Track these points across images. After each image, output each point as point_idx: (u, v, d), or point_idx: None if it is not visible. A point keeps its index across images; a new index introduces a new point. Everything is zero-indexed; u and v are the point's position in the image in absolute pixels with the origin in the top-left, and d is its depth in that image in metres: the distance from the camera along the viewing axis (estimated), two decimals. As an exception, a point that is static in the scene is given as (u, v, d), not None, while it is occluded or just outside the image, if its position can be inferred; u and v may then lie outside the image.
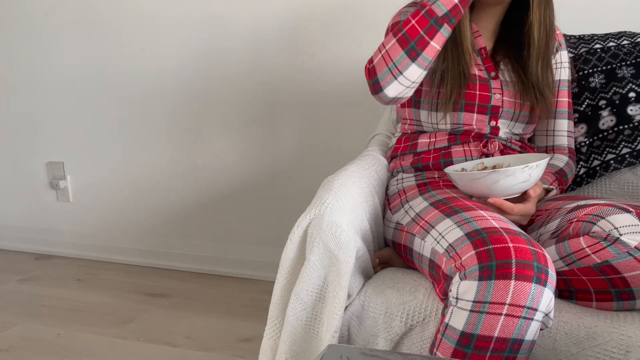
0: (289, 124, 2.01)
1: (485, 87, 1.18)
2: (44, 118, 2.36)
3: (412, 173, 1.24)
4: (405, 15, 1.19)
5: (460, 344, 0.82)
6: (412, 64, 1.03)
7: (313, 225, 0.99)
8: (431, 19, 1.01)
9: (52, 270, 2.29)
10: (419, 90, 1.21)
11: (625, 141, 1.34)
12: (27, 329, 1.78)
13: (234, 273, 2.18)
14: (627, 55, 1.36)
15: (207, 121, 2.11)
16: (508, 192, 1.01)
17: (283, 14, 1.92)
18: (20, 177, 2.47)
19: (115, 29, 2.15)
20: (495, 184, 0.99)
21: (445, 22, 1.01)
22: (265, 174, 2.08)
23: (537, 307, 0.80)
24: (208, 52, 2.04)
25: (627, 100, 1.34)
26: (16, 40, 2.31)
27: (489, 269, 0.81)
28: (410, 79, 1.05)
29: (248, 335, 1.71)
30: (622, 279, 0.88)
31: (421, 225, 1.03)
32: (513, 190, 1.00)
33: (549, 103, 1.21)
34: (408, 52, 1.02)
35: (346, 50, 1.86)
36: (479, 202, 1.03)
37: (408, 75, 1.05)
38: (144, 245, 2.32)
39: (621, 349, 0.84)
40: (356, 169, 1.18)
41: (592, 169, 1.36)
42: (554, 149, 1.30)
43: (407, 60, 1.03)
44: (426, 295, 0.99)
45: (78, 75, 2.25)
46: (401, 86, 1.07)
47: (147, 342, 1.68)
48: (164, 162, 2.22)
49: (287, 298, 1.02)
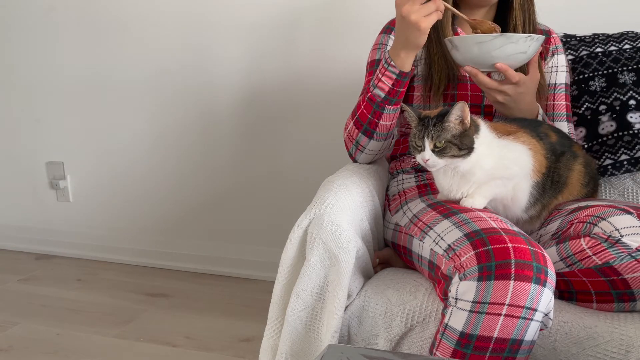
0: (289, 124, 2.01)
1: (477, 88, 1.20)
2: (44, 118, 2.36)
3: (413, 174, 1.24)
4: (380, 53, 1.27)
5: (460, 344, 0.82)
6: (371, 140, 1.17)
7: (313, 225, 0.99)
8: (373, 104, 1.12)
9: (52, 270, 2.29)
10: (411, 96, 1.25)
11: (625, 147, 1.34)
12: (27, 329, 1.78)
13: (234, 273, 2.18)
14: (629, 60, 1.36)
15: (207, 121, 2.11)
16: (507, 61, 1.03)
17: (282, 14, 1.92)
18: (20, 177, 2.47)
19: (115, 29, 2.15)
20: (497, 49, 1.02)
21: (387, 104, 1.11)
22: (265, 174, 2.08)
23: (536, 307, 0.80)
24: (208, 52, 2.04)
25: (628, 107, 1.34)
26: (16, 40, 2.31)
27: (488, 270, 0.81)
28: (374, 150, 1.20)
29: (248, 335, 1.71)
30: (622, 281, 0.88)
31: (419, 226, 1.03)
32: (512, 59, 1.04)
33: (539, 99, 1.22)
34: (364, 132, 1.16)
35: (346, 51, 1.86)
36: (474, 72, 1.05)
37: (371, 148, 1.19)
38: (144, 245, 2.32)
39: (621, 349, 0.84)
40: (356, 169, 1.18)
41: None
42: None
43: (365, 138, 1.17)
44: (426, 296, 0.99)
45: (78, 75, 2.25)
46: (370, 155, 1.22)
47: (147, 342, 1.68)
48: (164, 162, 2.22)
49: (287, 298, 1.02)
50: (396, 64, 1.07)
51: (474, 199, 1.00)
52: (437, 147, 0.95)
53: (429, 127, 0.96)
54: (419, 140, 0.97)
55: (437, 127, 0.95)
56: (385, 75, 1.09)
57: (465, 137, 0.96)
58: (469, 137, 0.96)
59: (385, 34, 1.28)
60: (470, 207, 0.99)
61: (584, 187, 1.09)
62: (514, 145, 1.02)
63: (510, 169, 1.00)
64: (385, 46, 1.27)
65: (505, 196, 1.03)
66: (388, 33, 1.28)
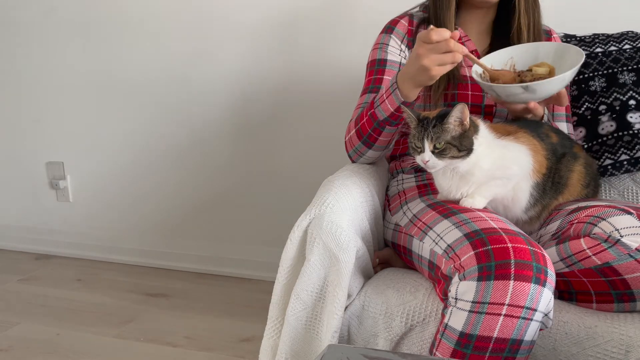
0: (289, 124, 2.01)
1: (478, 87, 1.20)
2: (44, 118, 2.36)
3: (413, 174, 1.24)
4: (380, 52, 1.26)
5: (460, 344, 0.82)
6: (370, 150, 1.19)
7: (313, 225, 0.99)
8: (374, 121, 1.13)
9: (52, 270, 2.29)
10: None
11: (625, 147, 1.34)
12: (27, 329, 1.78)
13: (234, 273, 2.18)
14: (629, 60, 1.36)
15: (207, 121, 2.11)
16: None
17: (281, 15, 1.92)
18: (20, 177, 2.47)
19: (115, 29, 2.15)
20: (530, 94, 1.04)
21: (387, 125, 1.11)
22: (265, 174, 2.08)
23: (536, 307, 0.80)
24: (208, 52, 2.04)
25: (627, 107, 1.34)
26: (16, 41, 2.31)
27: (488, 270, 0.81)
28: (373, 157, 1.22)
29: (248, 335, 1.71)
30: (622, 281, 0.88)
31: (419, 226, 1.03)
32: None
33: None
34: (364, 142, 1.18)
35: (345, 51, 1.86)
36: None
37: (370, 156, 1.21)
38: (144, 245, 2.32)
39: (621, 349, 0.84)
40: (356, 169, 1.18)
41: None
42: None
43: (365, 148, 1.19)
44: (426, 296, 0.99)
45: (78, 75, 2.25)
46: (369, 159, 1.23)
47: (147, 342, 1.68)
48: (164, 162, 2.22)
49: (287, 298, 1.02)
50: (401, 93, 1.05)
51: (473, 199, 1.00)
52: (437, 149, 0.95)
53: (428, 128, 0.96)
54: (419, 141, 0.97)
55: (436, 129, 0.95)
56: (390, 99, 1.08)
57: (465, 139, 0.96)
58: (468, 139, 0.96)
59: (385, 34, 1.28)
60: (470, 207, 0.99)
61: (584, 188, 1.09)
62: (514, 145, 1.02)
63: (510, 169, 1.00)
64: (386, 46, 1.26)
65: (505, 196, 1.03)
66: (389, 33, 1.28)
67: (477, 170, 0.98)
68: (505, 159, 1.00)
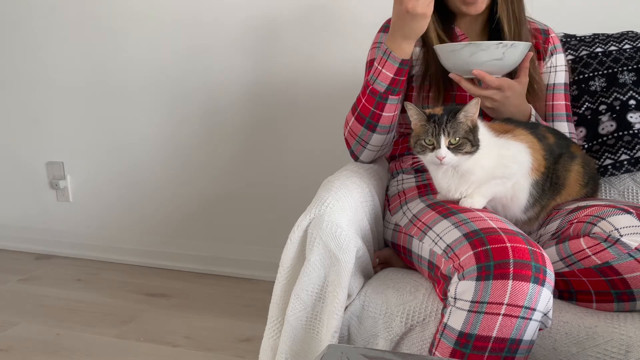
0: (289, 125, 2.01)
1: None
2: (44, 118, 2.36)
3: (412, 174, 1.24)
4: (378, 51, 1.26)
5: (459, 344, 0.82)
6: (374, 134, 1.17)
7: (313, 225, 0.99)
8: (376, 96, 1.13)
9: (52, 270, 2.29)
10: (410, 96, 1.25)
11: (625, 147, 1.34)
12: (27, 329, 1.78)
13: (234, 273, 2.18)
14: (629, 60, 1.35)
15: (207, 122, 2.11)
16: (484, 68, 1.06)
17: (282, 14, 1.92)
18: (20, 177, 2.47)
19: (115, 29, 2.15)
20: (470, 57, 1.05)
21: (390, 94, 1.12)
22: (265, 174, 2.09)
23: (535, 306, 0.80)
24: (208, 53, 2.04)
25: (628, 107, 1.33)
26: (16, 40, 2.31)
27: (487, 269, 0.81)
28: (377, 145, 1.20)
29: (248, 335, 1.71)
30: (622, 280, 0.88)
31: (418, 226, 1.03)
32: (488, 66, 1.06)
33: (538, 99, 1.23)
34: (367, 126, 1.16)
35: (345, 51, 1.86)
36: (462, 79, 1.09)
37: (374, 143, 1.19)
38: (144, 245, 2.32)
39: (621, 349, 0.84)
40: (356, 169, 1.18)
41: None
42: None
43: (369, 132, 1.17)
44: (426, 296, 0.99)
45: (78, 75, 2.25)
46: (372, 152, 1.22)
47: (147, 342, 1.68)
48: (164, 162, 2.22)
49: (287, 298, 1.02)
50: (397, 54, 1.08)
51: (473, 199, 1.00)
52: (452, 144, 0.95)
53: (442, 124, 0.96)
54: (432, 137, 0.96)
55: (452, 124, 0.95)
56: (386, 66, 1.10)
57: (475, 134, 0.96)
58: (476, 134, 0.97)
59: (383, 33, 1.28)
60: (469, 207, 0.99)
61: (583, 188, 1.09)
62: (512, 143, 1.02)
63: (509, 167, 1.00)
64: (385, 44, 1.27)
65: (504, 196, 1.03)
66: (387, 32, 1.28)
67: (478, 168, 0.98)
68: (504, 157, 1.00)
